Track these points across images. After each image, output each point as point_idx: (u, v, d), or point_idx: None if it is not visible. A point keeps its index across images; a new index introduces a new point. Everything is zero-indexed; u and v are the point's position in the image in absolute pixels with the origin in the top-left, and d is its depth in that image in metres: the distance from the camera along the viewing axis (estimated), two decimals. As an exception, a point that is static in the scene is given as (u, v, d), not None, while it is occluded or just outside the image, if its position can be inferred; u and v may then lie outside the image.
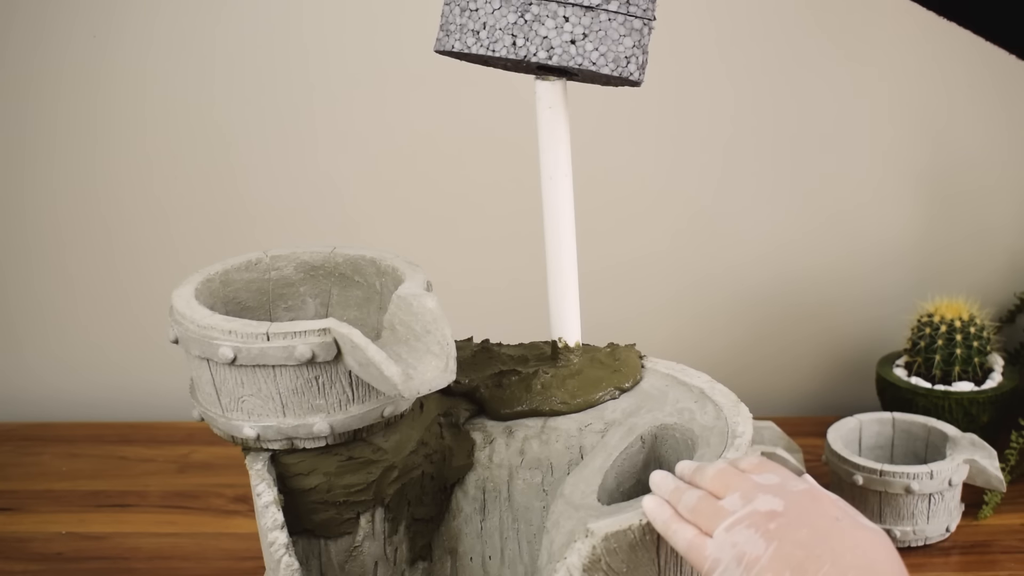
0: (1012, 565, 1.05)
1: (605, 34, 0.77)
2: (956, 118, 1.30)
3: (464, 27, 0.80)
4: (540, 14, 0.78)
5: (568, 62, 0.78)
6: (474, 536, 0.86)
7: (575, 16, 0.77)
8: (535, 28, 0.78)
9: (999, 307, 1.36)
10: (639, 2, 0.77)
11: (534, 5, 0.78)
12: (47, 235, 1.35)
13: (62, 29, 1.27)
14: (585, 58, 0.78)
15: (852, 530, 0.60)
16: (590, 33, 0.77)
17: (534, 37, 0.78)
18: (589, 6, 0.77)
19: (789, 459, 1.09)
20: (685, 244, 1.35)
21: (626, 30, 0.78)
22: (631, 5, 0.77)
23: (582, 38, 0.77)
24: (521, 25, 0.78)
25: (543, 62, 0.78)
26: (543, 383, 0.84)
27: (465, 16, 0.80)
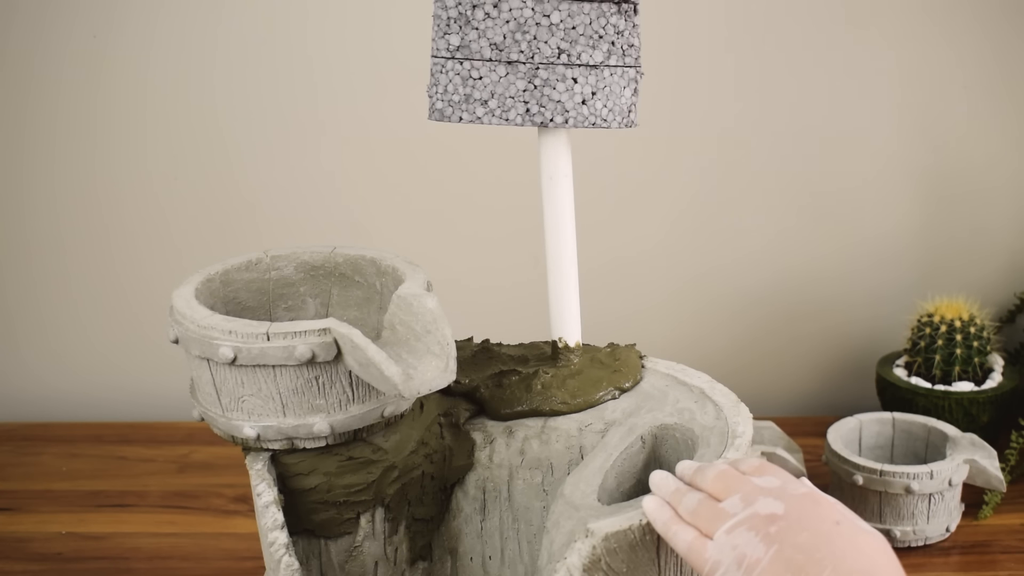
0: (1012, 565, 1.05)
1: (611, 90, 0.79)
2: (956, 118, 1.30)
3: (470, 97, 0.80)
4: (549, 78, 0.79)
5: (582, 123, 0.80)
6: (474, 536, 0.86)
7: (582, 76, 0.79)
8: (546, 93, 0.79)
9: (999, 307, 1.36)
10: (632, 52, 0.79)
11: (541, 69, 0.79)
12: (47, 235, 1.35)
13: (62, 29, 1.27)
14: (597, 116, 0.79)
15: (852, 534, 0.60)
16: (598, 91, 0.79)
17: (547, 102, 0.79)
18: (594, 64, 0.79)
19: (789, 459, 1.09)
20: (685, 244, 1.35)
21: (625, 82, 0.79)
22: (626, 56, 0.79)
23: (591, 97, 0.79)
24: (532, 91, 0.79)
25: (560, 126, 0.80)
26: (543, 383, 0.84)
27: (468, 86, 0.80)
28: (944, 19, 1.26)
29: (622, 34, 0.78)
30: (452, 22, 0.79)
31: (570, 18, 0.78)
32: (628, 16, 0.78)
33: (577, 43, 0.78)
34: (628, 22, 0.78)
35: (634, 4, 0.78)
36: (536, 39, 0.78)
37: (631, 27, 0.78)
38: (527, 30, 0.78)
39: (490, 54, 0.79)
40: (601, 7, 0.78)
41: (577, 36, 0.78)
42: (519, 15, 0.78)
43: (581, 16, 0.78)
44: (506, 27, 0.78)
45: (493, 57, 0.79)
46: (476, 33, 0.79)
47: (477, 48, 0.79)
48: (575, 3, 0.78)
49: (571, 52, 0.78)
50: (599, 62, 0.78)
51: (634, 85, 0.80)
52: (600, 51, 0.78)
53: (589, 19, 0.78)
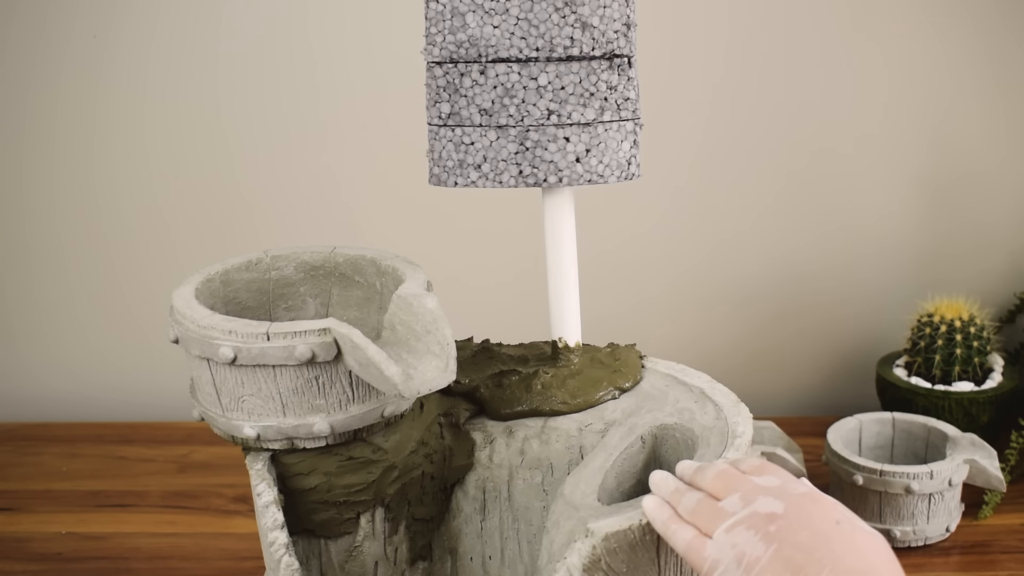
0: (1012, 565, 1.05)
1: (606, 145, 0.79)
2: (956, 118, 1.30)
3: (463, 162, 0.81)
4: (541, 139, 0.79)
5: (577, 181, 0.80)
6: (474, 536, 0.86)
7: (575, 135, 0.79)
8: (538, 154, 0.80)
9: (999, 307, 1.36)
10: (628, 105, 0.79)
11: (532, 131, 0.79)
12: (47, 235, 1.35)
13: (62, 29, 1.27)
14: (592, 172, 0.80)
15: (852, 534, 0.60)
16: (592, 148, 0.79)
17: (540, 163, 0.80)
18: (586, 123, 0.79)
19: (789, 459, 1.09)
20: (686, 245, 1.35)
21: (623, 135, 0.79)
22: (622, 110, 0.79)
23: (585, 154, 0.79)
24: (523, 153, 0.80)
25: (554, 185, 0.80)
26: (543, 383, 0.84)
27: (461, 151, 0.81)
28: (945, 19, 1.27)
29: (615, 89, 0.78)
30: (442, 91, 0.80)
31: (558, 79, 0.79)
32: (622, 70, 0.78)
33: (567, 103, 0.79)
34: (622, 76, 0.78)
35: (627, 58, 0.78)
36: (524, 102, 0.79)
37: (625, 81, 0.78)
38: (515, 94, 0.79)
39: (480, 120, 0.80)
40: (591, 65, 0.78)
41: (567, 96, 0.79)
42: (505, 80, 0.79)
43: (570, 76, 0.78)
44: (494, 92, 0.79)
45: (483, 123, 0.80)
46: (465, 100, 0.80)
47: (467, 115, 0.80)
48: (563, 63, 0.78)
49: (561, 112, 0.79)
50: (591, 119, 0.79)
51: (633, 138, 0.80)
52: (592, 108, 0.79)
53: (579, 78, 0.78)
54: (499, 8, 0.78)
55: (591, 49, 0.78)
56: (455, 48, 0.79)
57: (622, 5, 0.77)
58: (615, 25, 0.77)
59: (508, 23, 0.78)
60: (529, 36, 0.78)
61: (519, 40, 0.78)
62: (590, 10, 0.77)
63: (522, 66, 0.79)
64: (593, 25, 0.77)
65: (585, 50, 0.78)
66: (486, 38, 0.79)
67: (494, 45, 0.79)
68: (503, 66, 0.79)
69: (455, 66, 0.80)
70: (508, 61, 0.79)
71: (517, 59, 0.79)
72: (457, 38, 0.79)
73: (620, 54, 0.78)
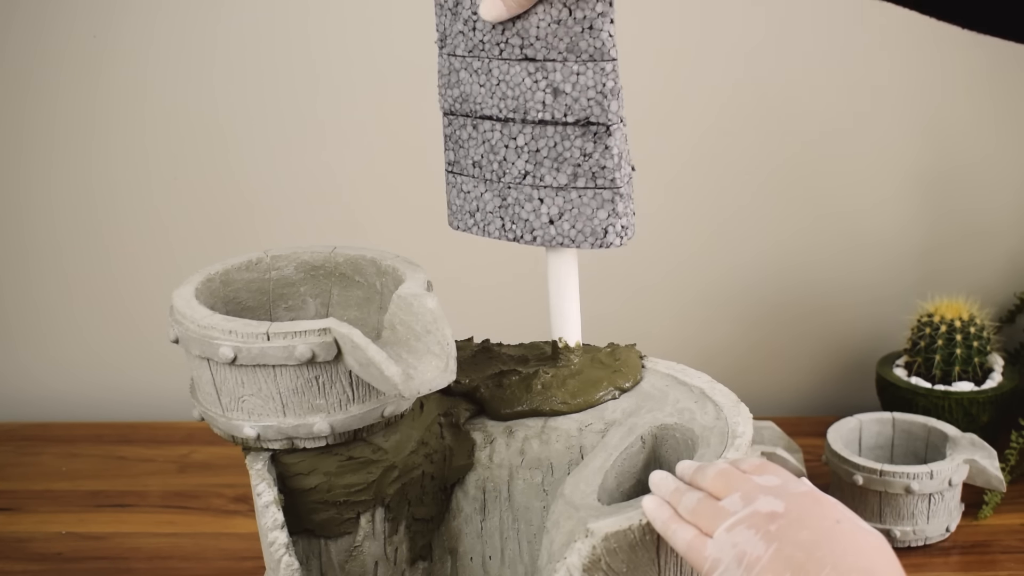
0: (1012, 565, 1.05)
1: (579, 211, 0.80)
2: (957, 117, 1.30)
3: (462, 208, 0.84)
4: (518, 198, 0.81)
5: (550, 242, 0.81)
6: (474, 536, 0.86)
7: (548, 197, 0.80)
8: (516, 211, 0.81)
9: (999, 307, 1.36)
10: (604, 174, 0.78)
11: (511, 189, 0.81)
12: (46, 235, 1.35)
13: (62, 29, 1.27)
14: (564, 236, 0.80)
15: (853, 533, 0.60)
16: (565, 212, 0.80)
17: (517, 220, 0.81)
18: (559, 186, 0.79)
19: (789, 459, 1.09)
20: (685, 244, 1.35)
21: (598, 203, 0.79)
22: (597, 178, 0.79)
23: (559, 217, 0.80)
24: (505, 208, 0.82)
25: (530, 244, 0.81)
26: (543, 383, 0.84)
27: (461, 198, 0.84)
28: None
29: (589, 156, 0.78)
30: (448, 139, 0.83)
31: (533, 141, 0.79)
32: (598, 138, 0.77)
33: (542, 165, 0.79)
34: (598, 144, 0.78)
35: (606, 126, 0.77)
36: (505, 160, 0.80)
37: (602, 149, 0.77)
38: (497, 151, 0.80)
39: (473, 171, 0.82)
40: (565, 130, 0.78)
41: (541, 159, 0.79)
42: (490, 137, 0.81)
43: (544, 139, 0.79)
44: (482, 147, 0.81)
45: (475, 175, 0.82)
46: (463, 151, 0.82)
47: (464, 165, 0.82)
48: (537, 126, 0.79)
49: (536, 174, 0.80)
50: (564, 184, 0.79)
51: (611, 207, 0.79)
52: (565, 173, 0.79)
53: (553, 142, 0.79)
54: (483, 68, 0.79)
55: (563, 115, 0.78)
56: (453, 101, 0.82)
57: (597, 73, 0.76)
58: (589, 93, 0.77)
59: (490, 83, 0.79)
60: (507, 98, 0.79)
61: (499, 100, 0.79)
62: (562, 76, 0.77)
63: (503, 125, 0.80)
64: (565, 92, 0.77)
65: (557, 116, 0.78)
66: (474, 96, 0.80)
67: (480, 103, 0.80)
68: (488, 123, 0.81)
69: (456, 118, 0.82)
70: (492, 119, 0.80)
71: (498, 118, 0.80)
72: (454, 93, 0.81)
73: (595, 122, 0.77)
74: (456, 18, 0.79)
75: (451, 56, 0.80)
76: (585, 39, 0.75)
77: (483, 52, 0.79)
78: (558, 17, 0.75)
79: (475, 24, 0.78)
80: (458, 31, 0.79)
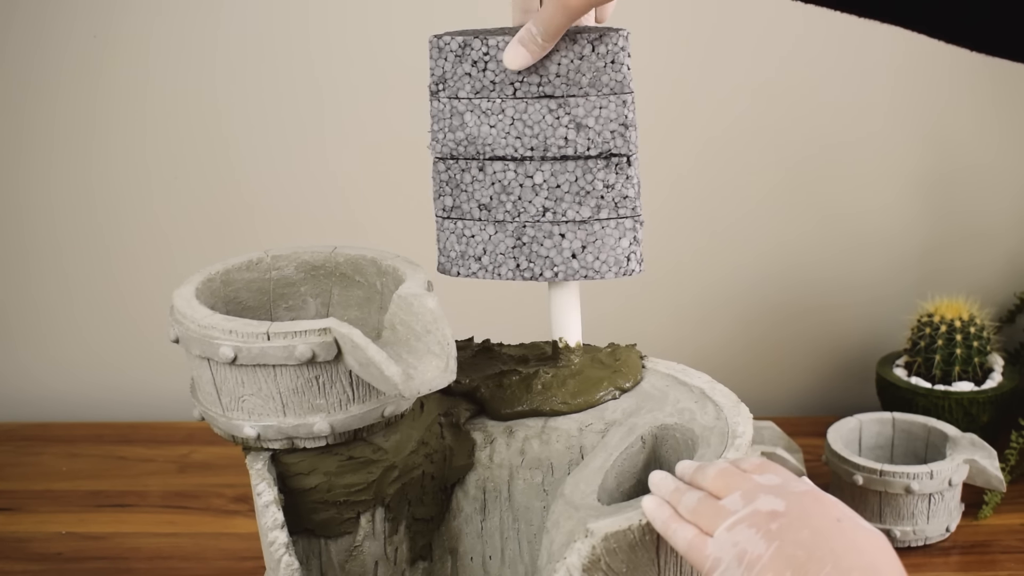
0: (1012, 565, 1.05)
1: (602, 242, 0.80)
2: (957, 118, 1.30)
3: (464, 254, 0.83)
4: (537, 235, 0.80)
5: (573, 276, 0.81)
6: (474, 536, 0.86)
7: (570, 232, 0.80)
8: (535, 249, 0.81)
9: (999, 307, 1.36)
10: (626, 203, 0.79)
11: (528, 227, 0.80)
12: (46, 235, 1.35)
13: (62, 29, 1.27)
14: (588, 268, 0.80)
15: (854, 532, 0.60)
16: (588, 244, 0.80)
17: (536, 258, 0.81)
18: (582, 220, 0.79)
19: (789, 459, 1.09)
20: (685, 244, 1.35)
21: (620, 232, 0.80)
22: (620, 208, 0.79)
23: (581, 251, 0.80)
24: (520, 248, 0.81)
25: (550, 280, 0.81)
26: (543, 383, 0.84)
27: (463, 243, 0.82)
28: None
29: (612, 188, 0.79)
30: (444, 185, 0.82)
31: (553, 177, 0.79)
32: (620, 169, 0.78)
33: (563, 200, 0.79)
34: (620, 175, 0.78)
35: (626, 157, 0.78)
36: (521, 199, 0.80)
37: (623, 179, 0.78)
38: (511, 191, 0.80)
39: (479, 214, 0.81)
40: (587, 164, 0.78)
41: (562, 194, 0.79)
42: (503, 177, 0.80)
43: (565, 175, 0.79)
44: (492, 189, 0.80)
45: (482, 217, 0.81)
46: (466, 195, 0.81)
47: (468, 209, 0.81)
48: (558, 162, 0.79)
49: (556, 210, 0.80)
50: (587, 217, 0.79)
51: (632, 234, 0.80)
52: (588, 207, 0.79)
53: (574, 176, 0.79)
54: (495, 109, 0.79)
55: (586, 149, 0.78)
56: (455, 146, 0.81)
57: (619, 106, 0.77)
58: (611, 126, 0.78)
59: (504, 123, 0.79)
60: (524, 136, 0.79)
61: (514, 140, 0.79)
62: (584, 111, 0.78)
63: (518, 164, 0.80)
64: (588, 126, 0.78)
65: (580, 150, 0.78)
66: (483, 137, 0.80)
67: (491, 144, 0.80)
68: (500, 164, 0.80)
69: (456, 162, 0.81)
70: (504, 159, 0.80)
71: (513, 158, 0.80)
72: (456, 136, 0.81)
73: (617, 153, 0.78)
74: (461, 60, 0.79)
75: (452, 99, 0.80)
76: (607, 73, 0.77)
77: (494, 93, 0.79)
78: (581, 53, 0.77)
79: (486, 65, 0.78)
80: (464, 73, 0.79)
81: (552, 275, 0.81)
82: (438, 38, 0.80)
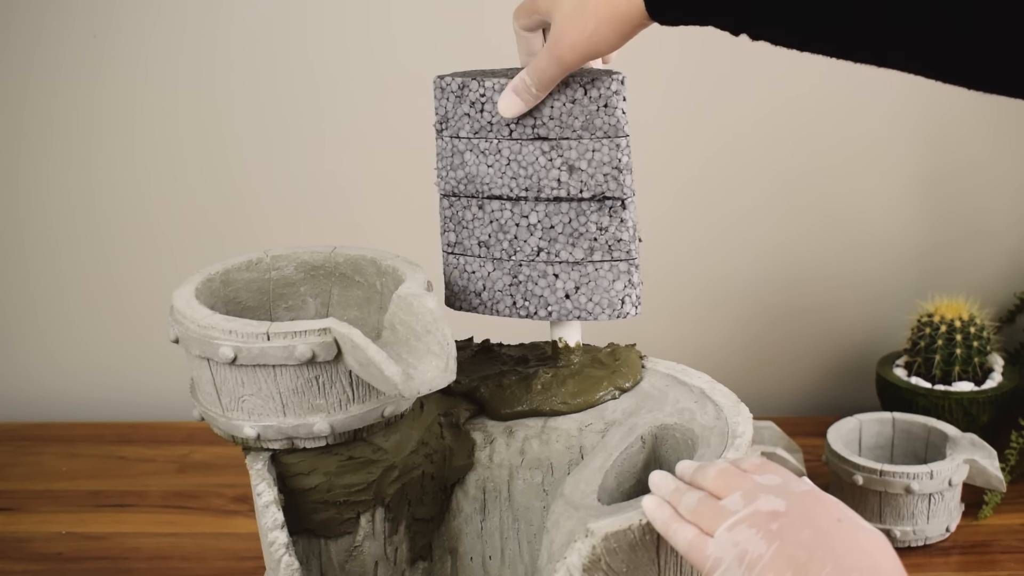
0: (1012, 565, 1.05)
1: (596, 284, 0.81)
2: (957, 117, 1.30)
3: (466, 289, 0.84)
4: (531, 275, 0.81)
5: (566, 316, 0.82)
6: (474, 536, 0.86)
7: (564, 272, 0.81)
8: (529, 288, 0.82)
9: (999, 307, 1.36)
10: (620, 246, 0.80)
11: (524, 266, 0.81)
12: (46, 235, 1.35)
13: (62, 29, 1.27)
14: (582, 310, 0.81)
15: (854, 532, 0.60)
16: (581, 286, 0.81)
17: (531, 297, 0.82)
18: (575, 261, 0.80)
19: (789, 459, 1.09)
20: (685, 244, 1.35)
21: (614, 275, 0.80)
22: (614, 251, 0.80)
23: (575, 291, 0.81)
24: (516, 286, 0.82)
25: (543, 319, 0.82)
26: (543, 383, 0.84)
27: (464, 279, 0.84)
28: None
29: (605, 230, 0.79)
30: (448, 221, 0.83)
31: (547, 218, 0.80)
32: (614, 212, 0.79)
33: (556, 241, 0.80)
34: (614, 218, 0.79)
35: (621, 200, 0.79)
36: (516, 238, 0.81)
37: (617, 223, 0.79)
38: (507, 230, 0.81)
39: (479, 251, 0.83)
40: (580, 206, 0.79)
41: (556, 235, 0.80)
42: (499, 216, 0.81)
43: (559, 216, 0.80)
44: (490, 227, 0.82)
45: (481, 254, 0.82)
46: (467, 232, 0.83)
47: (469, 245, 0.83)
48: (552, 203, 0.79)
49: (550, 250, 0.81)
50: (580, 258, 0.80)
51: (627, 278, 0.80)
52: (581, 248, 0.80)
53: (568, 218, 0.80)
54: (492, 149, 0.80)
55: (579, 191, 0.79)
56: (456, 183, 0.82)
57: (612, 149, 0.78)
58: (604, 169, 0.78)
59: (500, 163, 0.80)
60: (519, 177, 0.80)
61: (510, 180, 0.80)
62: (577, 154, 0.78)
63: (514, 204, 0.81)
64: (581, 168, 0.78)
65: (573, 192, 0.79)
66: (481, 176, 0.81)
67: (488, 183, 0.81)
68: (497, 203, 0.81)
69: (459, 199, 0.83)
70: (501, 198, 0.81)
71: (509, 197, 0.80)
72: (458, 174, 0.82)
73: (611, 196, 0.79)
74: (461, 101, 0.80)
75: (454, 138, 0.81)
76: (600, 117, 0.77)
77: (491, 133, 0.80)
78: (573, 97, 0.77)
79: (483, 106, 0.79)
80: (463, 113, 0.80)
81: (546, 314, 0.82)
82: (440, 78, 0.81)
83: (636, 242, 0.80)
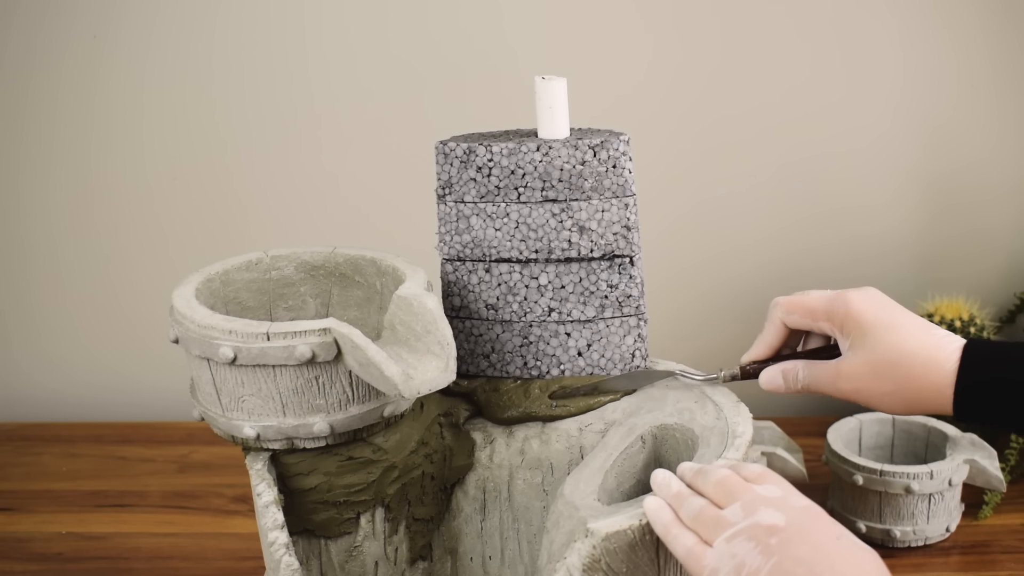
0: (1012, 565, 1.05)
1: (607, 340, 0.82)
2: (957, 117, 1.30)
3: (473, 352, 0.84)
4: (543, 334, 0.83)
5: (578, 372, 0.83)
6: (474, 536, 0.86)
7: (576, 331, 0.82)
8: (541, 348, 0.83)
9: (999, 307, 1.36)
10: (630, 302, 0.81)
11: (535, 327, 0.82)
12: (45, 236, 1.35)
13: (62, 29, 1.27)
14: (594, 366, 0.83)
15: (852, 551, 0.60)
16: (593, 343, 0.82)
17: (542, 356, 0.83)
18: (587, 319, 0.81)
19: (789, 459, 1.09)
20: (684, 245, 1.35)
21: (625, 330, 0.82)
22: (624, 307, 0.81)
23: (587, 349, 0.82)
24: (527, 346, 0.83)
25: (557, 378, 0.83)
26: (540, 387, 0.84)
27: (471, 342, 0.84)
28: (946, 18, 1.26)
29: (616, 288, 0.81)
30: (452, 285, 0.84)
31: (558, 278, 0.81)
32: (623, 269, 0.81)
33: (567, 301, 0.81)
34: (623, 275, 0.81)
35: (630, 257, 0.80)
36: (527, 300, 0.82)
37: (627, 279, 0.81)
38: (517, 292, 0.82)
39: (487, 314, 0.83)
40: (591, 265, 0.81)
41: (567, 295, 0.81)
42: (508, 279, 0.82)
43: (570, 276, 0.81)
44: (498, 290, 0.82)
45: (489, 317, 0.83)
46: (473, 295, 0.83)
47: (475, 308, 0.83)
48: (562, 264, 0.81)
49: (561, 310, 0.82)
50: (592, 316, 0.81)
51: (636, 332, 0.82)
52: (592, 306, 0.81)
53: (579, 277, 0.81)
54: (499, 213, 0.81)
55: (589, 251, 0.80)
56: (461, 248, 0.83)
57: (621, 208, 0.80)
58: (614, 228, 0.80)
59: (508, 227, 0.81)
60: (528, 239, 0.81)
61: (519, 243, 0.81)
62: (587, 215, 0.80)
63: (523, 266, 0.81)
64: (591, 229, 0.80)
65: (583, 252, 0.80)
66: (489, 240, 0.82)
67: (496, 247, 0.82)
68: (505, 266, 0.82)
69: (463, 263, 0.83)
70: (510, 261, 0.82)
71: (518, 260, 0.81)
72: (463, 239, 0.83)
73: (620, 254, 0.80)
74: (467, 166, 0.81)
75: (458, 203, 0.82)
76: (609, 177, 0.79)
77: (498, 197, 0.81)
78: (583, 159, 0.79)
79: (491, 171, 0.80)
80: (469, 178, 0.81)
81: (559, 372, 0.83)
82: (443, 144, 0.82)
83: (644, 297, 0.82)
